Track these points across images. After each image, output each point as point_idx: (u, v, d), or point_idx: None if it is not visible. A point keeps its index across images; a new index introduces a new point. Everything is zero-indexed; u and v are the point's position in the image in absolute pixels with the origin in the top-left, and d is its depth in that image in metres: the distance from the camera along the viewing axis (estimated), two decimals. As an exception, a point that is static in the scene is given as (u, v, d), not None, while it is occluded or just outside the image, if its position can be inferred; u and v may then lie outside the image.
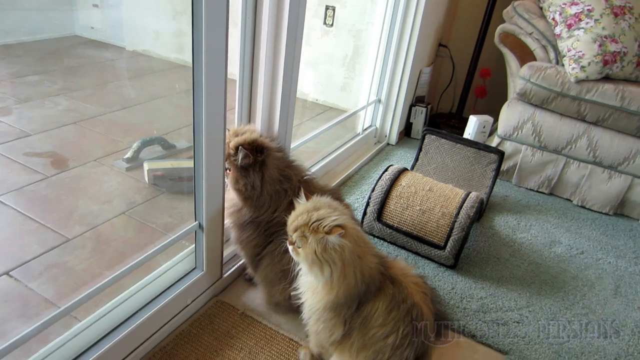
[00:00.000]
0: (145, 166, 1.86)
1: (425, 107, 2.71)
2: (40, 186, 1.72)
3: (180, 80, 2.94)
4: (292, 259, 1.25)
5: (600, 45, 2.10)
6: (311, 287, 1.09)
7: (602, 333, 1.51)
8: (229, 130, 1.29)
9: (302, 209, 1.05)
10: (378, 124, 2.61)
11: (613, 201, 2.25)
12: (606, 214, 2.27)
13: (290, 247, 1.06)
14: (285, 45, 1.33)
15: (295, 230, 1.03)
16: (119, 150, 2.05)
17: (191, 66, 1.11)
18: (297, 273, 1.16)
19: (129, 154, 1.95)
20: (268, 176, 1.26)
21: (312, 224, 1.01)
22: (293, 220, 1.04)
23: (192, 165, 1.24)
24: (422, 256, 1.74)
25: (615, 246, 2.01)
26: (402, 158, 2.52)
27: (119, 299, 1.21)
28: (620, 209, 2.29)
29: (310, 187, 1.34)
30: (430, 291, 1.21)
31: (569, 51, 2.17)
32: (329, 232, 0.98)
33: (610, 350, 1.45)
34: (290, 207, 1.28)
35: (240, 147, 1.22)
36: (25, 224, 1.54)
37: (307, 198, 1.08)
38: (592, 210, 2.29)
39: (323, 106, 3.08)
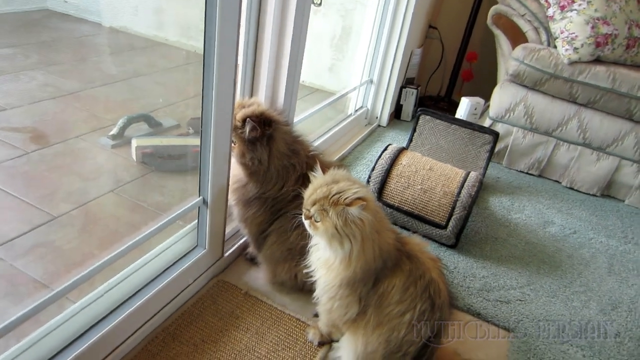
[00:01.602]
0: (134, 143, 1.77)
1: (415, 88, 2.68)
2: (19, 162, 1.60)
3: (162, 58, 2.82)
4: (300, 236, 1.21)
5: (592, 27, 2.11)
6: (326, 264, 1.05)
7: (601, 310, 1.53)
8: None
9: (321, 182, 0.99)
10: (369, 105, 2.57)
11: (601, 182, 2.29)
12: (594, 195, 2.31)
13: (306, 222, 1.01)
14: (295, 15, 1.26)
15: (314, 204, 0.97)
16: (103, 127, 1.94)
17: (173, 45, 1.03)
18: (307, 250, 1.11)
19: (114, 131, 1.84)
20: (276, 150, 1.20)
21: (332, 197, 0.96)
22: (311, 193, 0.99)
23: (182, 143, 1.17)
24: (423, 236, 1.71)
25: (605, 226, 2.04)
26: (394, 139, 2.49)
27: (117, 279, 1.13)
28: (607, 190, 2.32)
29: (319, 163, 1.29)
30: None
31: (562, 33, 2.18)
32: (349, 205, 0.94)
33: (609, 328, 1.46)
34: (298, 182, 1.23)
35: (247, 119, 1.15)
36: (5, 200, 1.43)
37: (323, 172, 1.03)
38: (580, 192, 2.32)
39: (310, 88, 3.01)
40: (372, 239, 0.99)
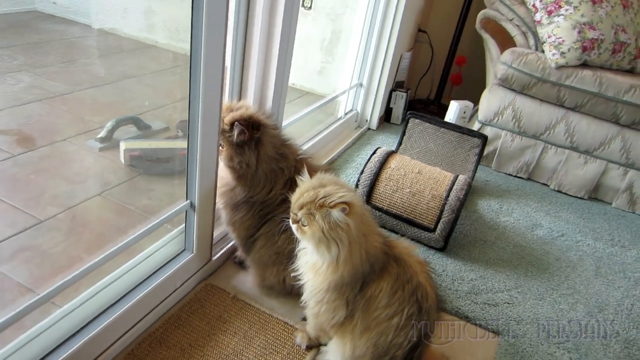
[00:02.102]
0: (122, 146, 1.75)
1: (405, 92, 2.69)
2: (5, 165, 1.58)
3: (152, 60, 2.80)
4: (288, 240, 1.21)
5: (579, 32, 2.14)
6: (313, 268, 1.05)
7: (588, 313, 1.54)
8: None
9: (308, 186, 0.99)
10: (359, 108, 2.57)
11: (588, 186, 2.31)
12: (581, 198, 2.33)
13: (294, 226, 1.01)
14: (283, 17, 1.27)
15: (301, 208, 0.97)
16: (91, 129, 1.93)
17: (163, 47, 1.03)
18: (295, 254, 1.11)
19: (102, 134, 1.83)
20: (264, 154, 1.20)
21: (318, 201, 0.96)
22: (298, 197, 0.99)
23: (171, 146, 1.17)
24: (412, 239, 1.72)
25: (592, 229, 2.06)
26: (384, 143, 2.50)
27: (103, 283, 1.12)
28: (594, 193, 2.35)
29: (307, 167, 1.29)
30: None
31: (549, 37, 2.20)
32: (332, 207, 0.94)
33: (597, 329, 1.47)
34: (286, 186, 1.23)
35: (236, 122, 1.15)
36: (-10, 204, 1.42)
37: (311, 176, 1.03)
38: (568, 195, 2.34)
39: (300, 91, 3.01)
40: (359, 243, 0.99)
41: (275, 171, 1.22)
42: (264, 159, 1.20)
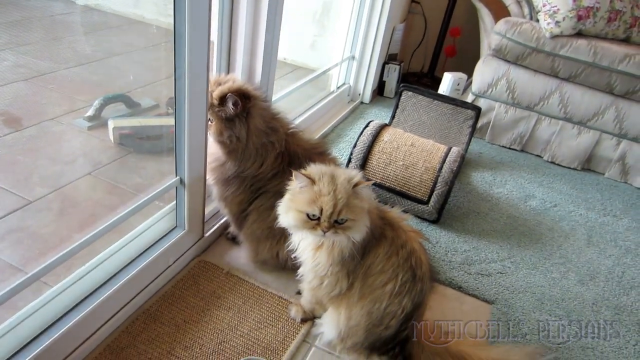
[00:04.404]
0: (111, 124, 1.73)
1: (398, 64, 2.66)
2: (-8, 146, 1.56)
3: (139, 36, 2.74)
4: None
5: (574, 0, 2.10)
6: (315, 245, 1.04)
7: (579, 281, 1.56)
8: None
9: (327, 184, 0.95)
10: (352, 82, 2.54)
11: (581, 156, 2.31)
12: (574, 169, 2.33)
13: (329, 232, 0.95)
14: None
15: (341, 210, 0.93)
16: (78, 108, 1.89)
17: (150, 22, 1.00)
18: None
19: (90, 112, 1.80)
20: (254, 127, 1.18)
21: (349, 188, 0.96)
22: (334, 201, 0.93)
23: (161, 123, 1.14)
24: (405, 212, 1.71)
25: (585, 199, 2.07)
26: (377, 116, 2.48)
27: (95, 261, 1.12)
28: (587, 164, 2.35)
29: (297, 140, 1.27)
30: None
31: (544, 6, 2.16)
32: (356, 186, 0.96)
33: (587, 296, 1.49)
34: (277, 160, 1.22)
35: (229, 94, 1.12)
36: (-22, 186, 1.40)
37: (305, 151, 1.03)
38: (561, 166, 2.34)
39: (292, 65, 2.97)
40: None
41: (266, 145, 1.21)
42: (254, 132, 1.18)
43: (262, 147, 1.21)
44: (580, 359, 1.26)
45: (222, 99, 1.14)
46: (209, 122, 1.18)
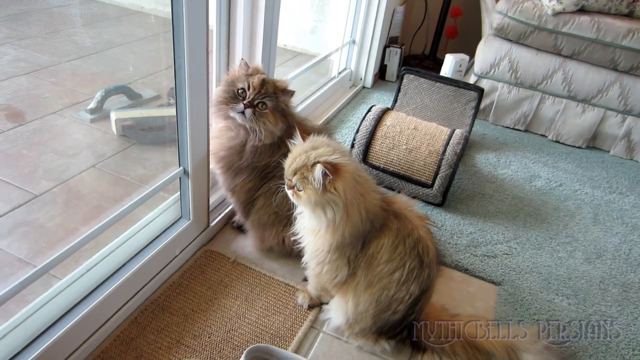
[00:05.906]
0: (113, 116, 1.73)
1: (399, 47, 2.63)
2: (-4, 141, 1.56)
3: (138, 27, 2.72)
4: (286, 199, 1.20)
5: (577, -24, 2.06)
6: (313, 231, 1.04)
7: (586, 259, 1.56)
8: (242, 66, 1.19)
9: (300, 150, 0.98)
10: (353, 67, 2.52)
11: (586, 134, 2.29)
12: (579, 147, 2.32)
13: (289, 192, 1.00)
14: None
15: (295, 173, 0.96)
16: (80, 101, 1.89)
17: (149, 12, 0.99)
18: (294, 216, 1.10)
19: (92, 105, 1.80)
20: (291, 118, 1.23)
21: (311, 164, 0.94)
22: (291, 162, 0.98)
23: (163, 114, 1.14)
24: (410, 196, 1.72)
25: (590, 177, 2.06)
26: (379, 101, 2.46)
27: (102, 253, 1.13)
28: (592, 142, 2.33)
29: (304, 128, 1.27)
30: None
31: (546, -17, 2.13)
32: (312, 166, 0.93)
33: (594, 274, 1.49)
34: (286, 148, 1.22)
35: (285, 88, 1.17)
36: (-17, 181, 1.41)
37: (303, 139, 1.01)
38: (566, 145, 2.33)
39: (292, 52, 2.94)
40: (356, 203, 0.99)
41: (282, 136, 1.21)
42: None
43: (279, 138, 1.21)
44: (589, 335, 1.27)
45: (283, 91, 1.18)
46: (265, 111, 1.16)
